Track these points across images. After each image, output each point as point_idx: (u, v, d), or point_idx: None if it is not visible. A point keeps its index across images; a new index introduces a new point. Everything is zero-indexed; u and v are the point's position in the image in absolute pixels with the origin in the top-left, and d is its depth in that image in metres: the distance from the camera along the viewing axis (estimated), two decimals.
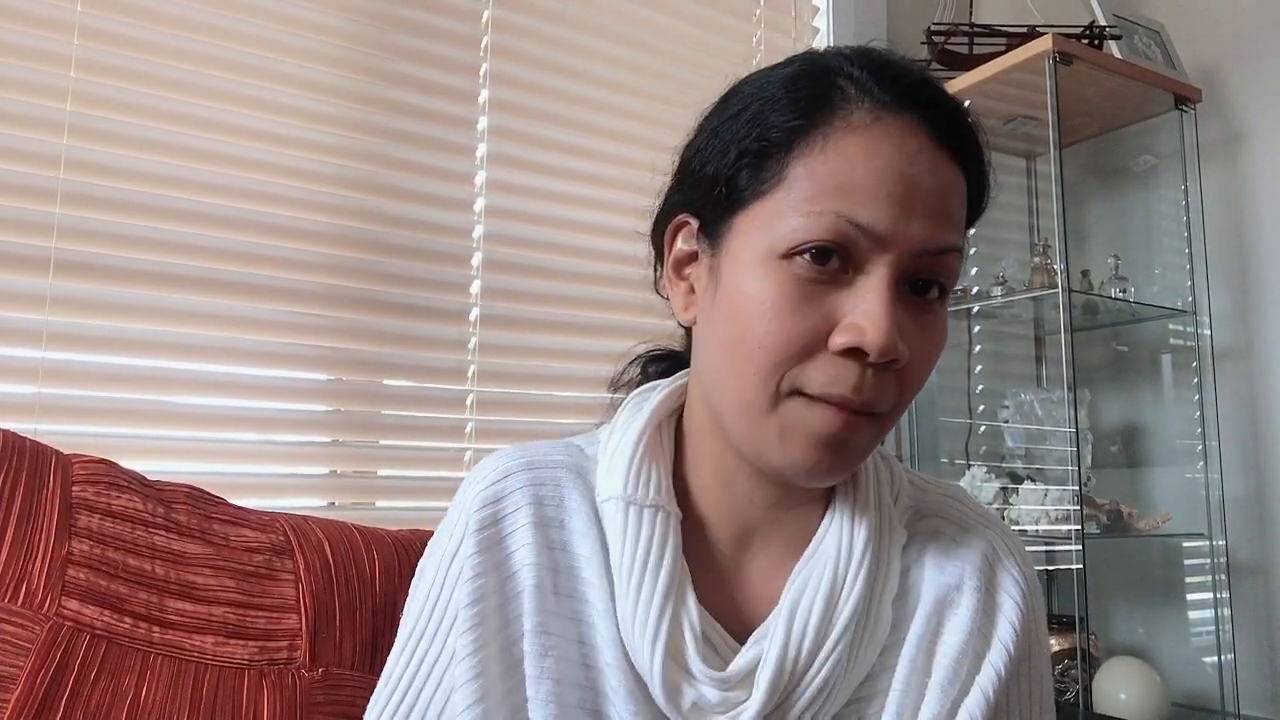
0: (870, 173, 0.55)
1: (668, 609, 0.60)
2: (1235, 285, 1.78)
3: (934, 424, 1.86)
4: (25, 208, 1.10)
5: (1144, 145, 1.89)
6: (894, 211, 0.55)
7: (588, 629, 0.62)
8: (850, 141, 0.56)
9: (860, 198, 0.55)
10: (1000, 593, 0.65)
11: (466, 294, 1.40)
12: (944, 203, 0.57)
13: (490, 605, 0.62)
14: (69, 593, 0.77)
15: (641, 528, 0.62)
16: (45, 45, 1.12)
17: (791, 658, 0.59)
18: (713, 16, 1.69)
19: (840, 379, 0.55)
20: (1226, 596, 1.67)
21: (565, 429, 1.45)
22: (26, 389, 1.08)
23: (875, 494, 0.66)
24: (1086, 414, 1.71)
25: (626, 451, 0.65)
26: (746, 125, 0.59)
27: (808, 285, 0.55)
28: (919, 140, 0.56)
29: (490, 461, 0.68)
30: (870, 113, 0.57)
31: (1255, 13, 1.79)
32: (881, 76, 0.58)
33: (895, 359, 0.55)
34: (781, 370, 0.56)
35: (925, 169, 0.56)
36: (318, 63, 1.31)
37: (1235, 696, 1.63)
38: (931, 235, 0.56)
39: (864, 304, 0.55)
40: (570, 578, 0.63)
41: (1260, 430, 1.73)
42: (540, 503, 0.65)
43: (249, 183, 1.24)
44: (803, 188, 0.56)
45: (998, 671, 0.62)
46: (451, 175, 1.41)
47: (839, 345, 0.55)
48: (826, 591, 0.61)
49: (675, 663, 0.59)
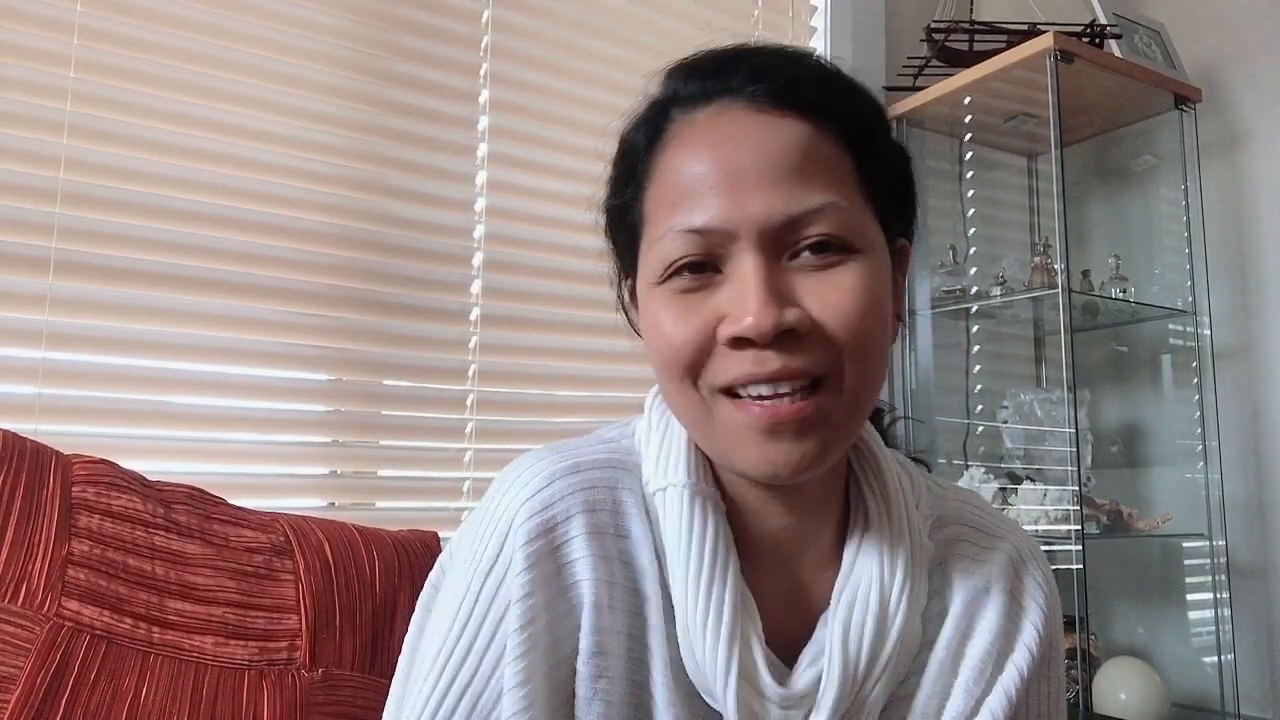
0: (691, 175, 0.56)
1: (738, 624, 0.58)
2: (1235, 285, 1.78)
3: (932, 424, 1.85)
4: (25, 208, 1.10)
5: (1144, 145, 1.89)
6: (723, 201, 0.55)
7: (640, 647, 0.60)
8: (671, 155, 0.58)
9: (689, 203, 0.56)
10: (1025, 596, 0.66)
11: (467, 294, 1.40)
12: (784, 166, 0.55)
13: (540, 627, 0.58)
14: (69, 593, 0.77)
15: (706, 520, 0.60)
16: (45, 45, 1.12)
17: (851, 678, 0.59)
18: (711, 16, 1.69)
19: (739, 364, 0.54)
20: (1226, 597, 1.67)
21: (565, 429, 1.46)
22: (26, 389, 1.08)
23: (904, 506, 0.65)
24: (1086, 414, 1.71)
25: (683, 438, 0.63)
26: (613, 182, 0.64)
27: (687, 295, 0.56)
28: (732, 117, 0.56)
29: (527, 468, 0.63)
30: (684, 117, 0.58)
31: (1255, 13, 1.79)
32: (689, 74, 0.60)
33: (789, 327, 0.53)
34: (691, 375, 0.56)
35: (748, 145, 0.55)
36: (318, 63, 1.31)
37: (1235, 696, 1.63)
38: (775, 206, 0.54)
39: (732, 293, 0.55)
40: (628, 593, 0.60)
41: (1260, 430, 1.73)
42: (594, 508, 0.61)
43: (249, 183, 1.24)
44: (653, 219, 0.59)
45: (1021, 672, 0.63)
46: (451, 175, 1.41)
47: (724, 337, 0.55)
48: (876, 612, 0.60)
49: (747, 684, 0.58)
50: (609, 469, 0.63)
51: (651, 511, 0.62)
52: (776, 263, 0.55)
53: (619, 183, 0.63)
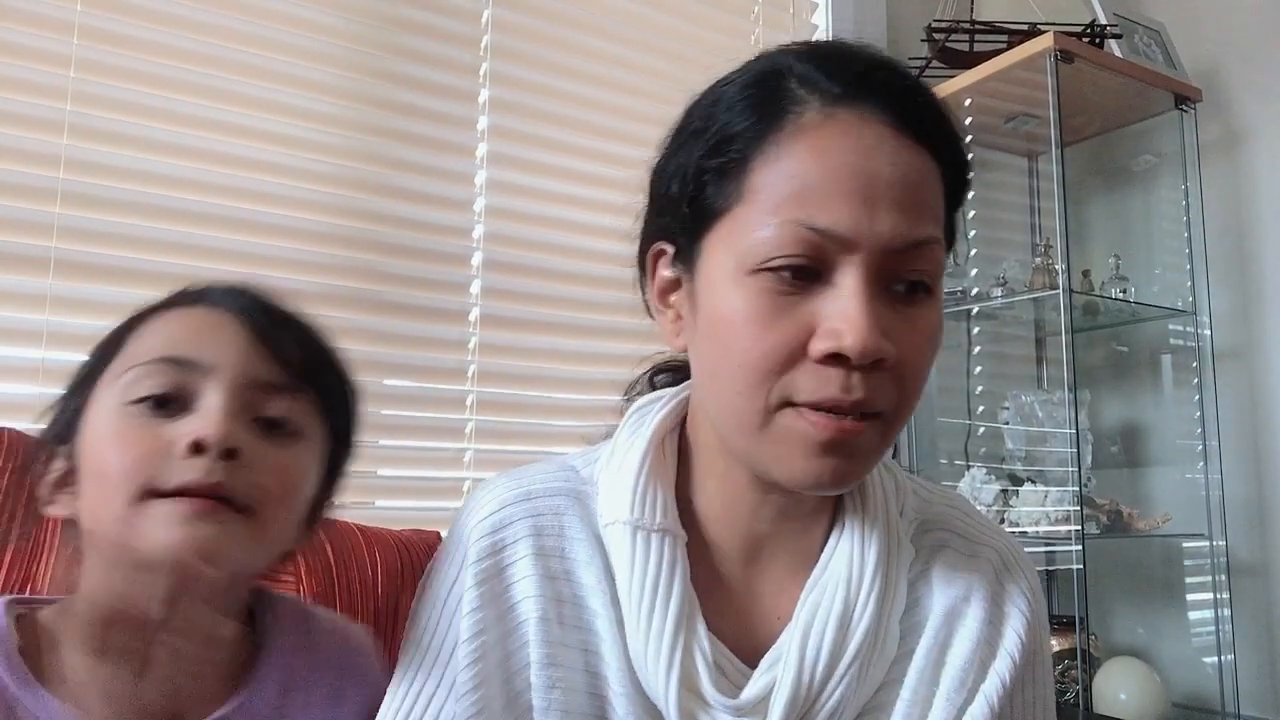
0: (825, 173, 0.53)
1: (680, 638, 0.59)
2: (1235, 285, 1.78)
3: (932, 425, 1.85)
4: (25, 208, 1.09)
5: (1144, 145, 1.89)
6: (855, 210, 0.53)
7: (595, 659, 0.62)
8: (802, 144, 0.54)
9: (818, 201, 0.53)
10: (1007, 603, 0.65)
11: (466, 294, 1.40)
12: (911, 193, 0.54)
13: (491, 638, 0.61)
14: None
15: (650, 554, 0.61)
16: (45, 45, 1.12)
17: (805, 683, 0.59)
18: (711, 15, 1.69)
19: (826, 385, 0.53)
20: (1226, 597, 1.67)
21: (565, 429, 1.46)
22: (27, 389, 1.08)
23: (884, 509, 0.65)
24: (1087, 415, 1.71)
25: (631, 473, 0.63)
26: (703, 143, 0.58)
27: (780, 297, 0.54)
28: (875, 130, 0.54)
29: (486, 492, 0.67)
30: (820, 110, 0.55)
31: (1255, 13, 1.79)
32: (830, 68, 0.56)
33: (882, 358, 0.53)
34: (767, 385, 0.54)
35: (886, 160, 0.53)
36: (318, 62, 1.30)
37: (1235, 697, 1.63)
38: (900, 229, 0.53)
39: (839, 307, 0.53)
40: (576, 608, 0.62)
41: (1260, 430, 1.73)
42: (540, 532, 0.64)
43: (249, 183, 1.24)
44: (762, 200, 0.55)
45: (1003, 680, 0.62)
46: (451, 175, 1.41)
47: (819, 352, 0.53)
48: (839, 614, 0.60)
49: (690, 692, 0.59)
50: (559, 496, 0.66)
51: (604, 535, 0.64)
52: (878, 286, 0.54)
53: (713, 144, 0.57)
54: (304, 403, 0.64)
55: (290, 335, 0.65)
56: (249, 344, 0.62)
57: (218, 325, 0.62)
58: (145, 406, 0.58)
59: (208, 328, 0.62)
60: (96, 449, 0.59)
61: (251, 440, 0.59)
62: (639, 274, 0.67)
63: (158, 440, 0.57)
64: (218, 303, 0.63)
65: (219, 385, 0.60)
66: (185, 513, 0.56)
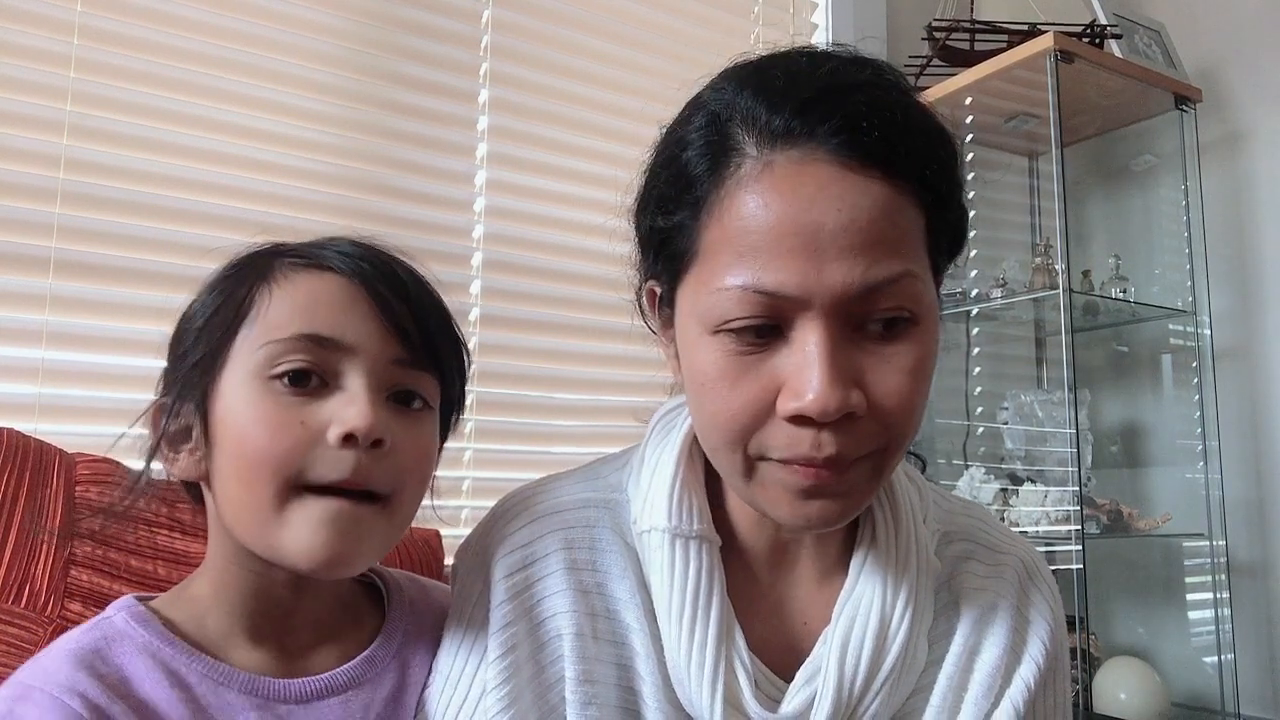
0: (766, 231, 0.51)
1: (721, 651, 0.59)
2: (1235, 285, 1.78)
3: (933, 426, 1.85)
4: (25, 208, 1.09)
5: (1144, 145, 1.89)
6: (801, 265, 0.50)
7: (629, 674, 0.62)
8: (743, 199, 0.52)
9: (762, 261, 0.51)
10: (1032, 610, 0.66)
11: (466, 294, 1.40)
12: (864, 234, 0.50)
13: (522, 655, 0.61)
14: (71, 594, 0.77)
15: (690, 562, 0.60)
16: (45, 45, 1.12)
17: (845, 697, 0.59)
18: (711, 14, 1.69)
19: (797, 443, 0.52)
20: (1226, 596, 1.67)
21: (565, 429, 1.46)
22: (27, 389, 1.08)
23: (912, 522, 0.65)
24: (1087, 414, 1.71)
25: (666, 479, 0.63)
26: (660, 194, 0.58)
27: (743, 357, 0.53)
28: (817, 173, 0.50)
29: (512, 504, 0.66)
30: (758, 159, 0.52)
31: (1255, 13, 1.79)
32: (774, 99, 0.52)
33: (850, 411, 0.51)
34: (742, 442, 0.54)
35: (830, 206, 0.50)
36: (318, 62, 1.30)
37: (1235, 696, 1.63)
38: (853, 276, 0.50)
39: (797, 365, 0.51)
40: (610, 622, 0.62)
41: (1260, 430, 1.73)
42: (571, 545, 0.63)
43: (249, 183, 1.24)
44: (713, 259, 0.53)
45: (1028, 685, 0.63)
46: (451, 175, 1.41)
47: (784, 412, 0.52)
48: (876, 629, 0.61)
49: (732, 706, 0.59)
50: (590, 508, 0.65)
51: (637, 547, 0.63)
52: (843, 334, 0.52)
53: (668, 202, 0.57)
54: (430, 373, 0.64)
55: (413, 307, 0.64)
56: (382, 321, 0.62)
57: (352, 301, 0.61)
58: (284, 383, 0.59)
59: (342, 303, 0.61)
60: (238, 426, 0.59)
61: (391, 423, 0.60)
62: (637, 308, 0.67)
63: (305, 429, 0.57)
64: (342, 270, 0.63)
65: (360, 368, 0.60)
66: (333, 513, 0.57)
